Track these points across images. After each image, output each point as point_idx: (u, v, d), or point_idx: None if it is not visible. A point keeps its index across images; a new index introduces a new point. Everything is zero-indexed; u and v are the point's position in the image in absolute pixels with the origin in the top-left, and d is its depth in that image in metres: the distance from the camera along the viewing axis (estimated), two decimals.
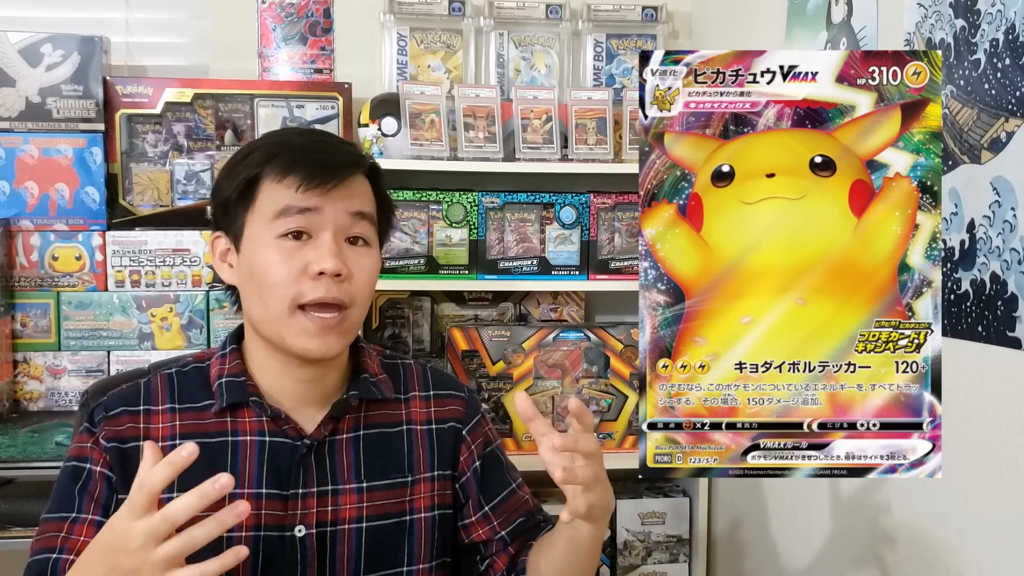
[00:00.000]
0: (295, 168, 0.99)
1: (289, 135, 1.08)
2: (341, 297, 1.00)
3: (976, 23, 1.06)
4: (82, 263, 1.88)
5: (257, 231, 1.01)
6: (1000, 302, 1.01)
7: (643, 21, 2.11)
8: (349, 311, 1.01)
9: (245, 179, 1.01)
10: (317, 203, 1.00)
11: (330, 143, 1.07)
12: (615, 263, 1.96)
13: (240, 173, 1.02)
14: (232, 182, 1.03)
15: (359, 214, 1.03)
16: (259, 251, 1.00)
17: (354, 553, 1.04)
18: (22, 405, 1.86)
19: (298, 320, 0.99)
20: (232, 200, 1.03)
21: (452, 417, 1.14)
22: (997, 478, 1.04)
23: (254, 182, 1.01)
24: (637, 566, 2.01)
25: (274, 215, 1.00)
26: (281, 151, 1.02)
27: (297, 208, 0.99)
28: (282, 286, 0.98)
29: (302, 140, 1.05)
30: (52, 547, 0.96)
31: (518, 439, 1.93)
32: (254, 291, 1.01)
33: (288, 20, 2.06)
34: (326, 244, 0.99)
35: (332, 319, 1.00)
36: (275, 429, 1.04)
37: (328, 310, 0.99)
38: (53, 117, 1.88)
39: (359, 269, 1.02)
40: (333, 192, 1.00)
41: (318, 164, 1.00)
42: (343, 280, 1.00)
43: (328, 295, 0.99)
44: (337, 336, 1.01)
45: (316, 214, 1.00)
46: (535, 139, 1.94)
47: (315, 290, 0.98)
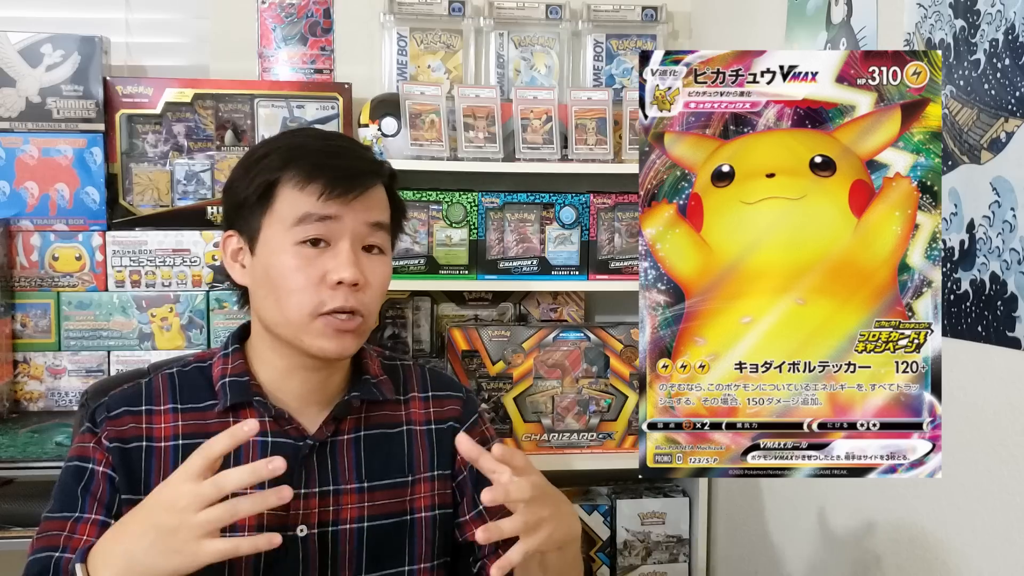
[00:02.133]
0: (316, 175, 0.99)
1: (306, 138, 1.07)
2: (358, 307, 1.01)
3: (976, 23, 1.06)
4: (82, 263, 1.88)
5: (275, 235, 1.01)
6: (1000, 302, 1.02)
7: (643, 21, 2.11)
8: (366, 317, 1.03)
9: (264, 183, 1.01)
10: (337, 211, 1.00)
11: (350, 149, 1.07)
12: (615, 263, 1.96)
13: (258, 176, 1.01)
14: (250, 184, 1.02)
15: (377, 224, 1.04)
16: (277, 255, 1.00)
17: (355, 553, 1.04)
18: (22, 405, 1.86)
19: (316, 325, 1.00)
20: (249, 202, 1.02)
21: (450, 417, 1.14)
22: (997, 478, 1.04)
23: (272, 186, 1.01)
24: (637, 566, 2.01)
25: (294, 221, 1.00)
26: (300, 155, 1.01)
27: (318, 216, 0.99)
28: (301, 293, 0.99)
29: (320, 144, 1.04)
30: (54, 546, 0.96)
31: (518, 439, 1.93)
32: (270, 294, 1.01)
33: (288, 20, 2.06)
34: (344, 253, 1.00)
35: (349, 322, 1.01)
36: (278, 429, 1.04)
37: (345, 314, 1.00)
38: (53, 117, 1.88)
39: (374, 277, 1.03)
40: (354, 202, 1.00)
41: (340, 172, 1.00)
42: (359, 289, 1.01)
43: (346, 305, 1.00)
44: (353, 338, 1.02)
45: (336, 222, 1.00)
46: (535, 139, 1.94)
47: (334, 299, 0.99)
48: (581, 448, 1.94)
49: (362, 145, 1.12)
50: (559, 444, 1.93)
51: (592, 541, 2.00)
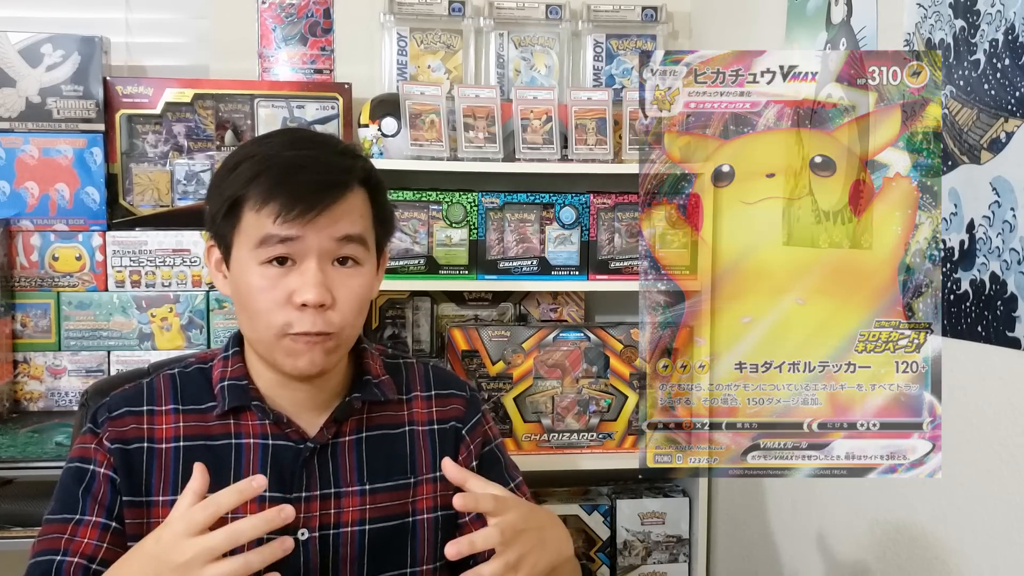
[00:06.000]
0: (274, 195, 0.95)
1: (278, 146, 1.01)
2: (326, 329, 0.98)
3: (976, 23, 1.06)
4: (82, 263, 1.88)
5: (243, 254, 0.99)
6: (1000, 302, 1.01)
7: (643, 21, 2.11)
8: (337, 334, 0.99)
9: (230, 199, 0.98)
10: (298, 232, 0.96)
11: (318, 158, 1.00)
12: (615, 263, 1.96)
13: (226, 191, 0.99)
14: (219, 199, 1.00)
15: (346, 237, 0.99)
16: (244, 274, 0.98)
17: (357, 555, 1.04)
18: (22, 405, 1.86)
19: (285, 344, 0.98)
20: (219, 217, 1.00)
21: (453, 416, 1.14)
22: (997, 478, 1.04)
23: (238, 203, 0.98)
24: (637, 566, 2.01)
25: (256, 243, 0.97)
26: (264, 169, 0.97)
27: (278, 238, 0.96)
28: (267, 314, 0.97)
29: (287, 156, 0.99)
30: (56, 548, 0.95)
31: (518, 439, 1.93)
32: (243, 311, 1.01)
33: (288, 20, 2.06)
34: (309, 272, 0.96)
35: (319, 339, 0.98)
36: (278, 432, 1.03)
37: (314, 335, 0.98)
38: (53, 117, 1.88)
39: (346, 292, 0.99)
40: (317, 219, 0.96)
41: (298, 190, 0.96)
42: (328, 308, 0.97)
43: (313, 328, 0.97)
44: (324, 355, 0.99)
45: (298, 242, 0.96)
46: (535, 139, 1.94)
47: (301, 323, 0.96)
48: (581, 448, 1.94)
49: (335, 149, 1.04)
50: (559, 444, 1.93)
51: (592, 541, 2.00)
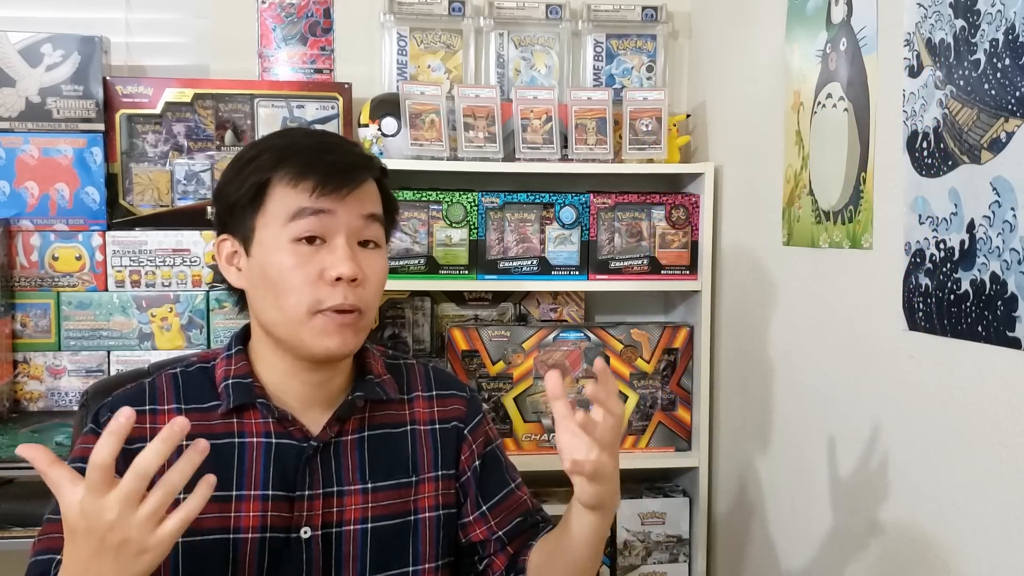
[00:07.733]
0: (309, 171, 0.99)
1: (295, 137, 1.07)
2: (357, 303, 1.01)
3: (976, 23, 1.06)
4: (82, 263, 1.88)
5: (270, 235, 1.01)
6: (1000, 302, 1.02)
7: (643, 21, 2.11)
8: (365, 313, 1.03)
9: (255, 183, 1.01)
10: (332, 206, 1.00)
11: (340, 144, 1.07)
12: (615, 263, 1.96)
13: (249, 177, 1.01)
14: (241, 185, 1.02)
15: (371, 216, 1.04)
16: (273, 254, 1.00)
17: (359, 554, 1.04)
18: (22, 405, 1.86)
19: (316, 322, 1.00)
20: (241, 204, 1.02)
21: (454, 416, 1.14)
22: (997, 478, 1.04)
23: (264, 186, 1.01)
24: (637, 566, 2.01)
25: (288, 218, 0.99)
26: (291, 154, 1.01)
27: (312, 210, 0.99)
28: (299, 291, 0.99)
29: (310, 142, 1.05)
30: (56, 548, 0.95)
31: (518, 439, 1.93)
32: (268, 294, 1.01)
33: (288, 20, 2.06)
34: (341, 248, 1.00)
35: (349, 318, 1.01)
36: (281, 431, 1.04)
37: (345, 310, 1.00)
38: (53, 117, 1.88)
39: (372, 272, 1.03)
40: (348, 196, 1.01)
41: (332, 167, 1.00)
42: (358, 284, 1.01)
43: (346, 302, 0.99)
44: (354, 334, 1.02)
45: (330, 217, 1.00)
46: (535, 139, 1.94)
47: (333, 297, 0.99)
48: None
49: (351, 141, 1.12)
50: None
51: None
